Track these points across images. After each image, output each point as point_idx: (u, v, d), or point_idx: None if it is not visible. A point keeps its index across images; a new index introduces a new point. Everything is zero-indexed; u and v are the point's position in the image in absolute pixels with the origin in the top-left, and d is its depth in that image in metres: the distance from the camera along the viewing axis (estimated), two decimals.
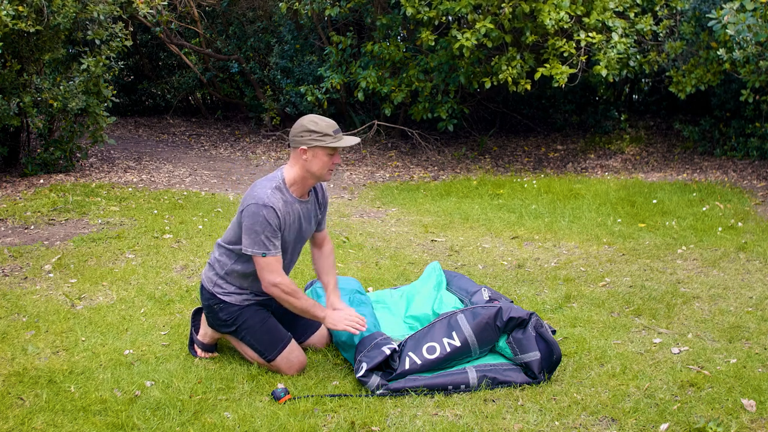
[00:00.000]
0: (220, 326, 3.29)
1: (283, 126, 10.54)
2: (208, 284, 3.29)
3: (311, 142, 3.08)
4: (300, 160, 3.12)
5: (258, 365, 3.29)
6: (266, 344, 3.21)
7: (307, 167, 3.13)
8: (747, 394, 2.85)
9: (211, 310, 3.28)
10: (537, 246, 5.37)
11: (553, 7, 7.35)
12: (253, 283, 3.23)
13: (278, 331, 3.25)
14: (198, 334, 3.45)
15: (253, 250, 3.07)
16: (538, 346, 3.05)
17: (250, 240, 3.06)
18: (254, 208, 3.05)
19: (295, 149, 3.12)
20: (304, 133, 3.09)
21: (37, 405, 2.91)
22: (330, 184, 7.94)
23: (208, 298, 3.29)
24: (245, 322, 3.23)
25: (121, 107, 11.34)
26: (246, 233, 3.07)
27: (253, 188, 3.14)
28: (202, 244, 5.20)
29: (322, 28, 9.92)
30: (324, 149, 3.10)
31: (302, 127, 3.10)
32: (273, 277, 3.08)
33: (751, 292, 4.09)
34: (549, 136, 10.19)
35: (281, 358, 3.20)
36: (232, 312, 3.24)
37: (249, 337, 3.23)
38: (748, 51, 6.33)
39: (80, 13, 6.68)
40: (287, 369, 3.20)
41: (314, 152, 3.10)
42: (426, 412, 2.85)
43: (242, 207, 3.12)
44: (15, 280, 4.43)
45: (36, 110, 6.80)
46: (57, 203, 6.12)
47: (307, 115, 3.20)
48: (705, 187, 6.90)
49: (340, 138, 3.14)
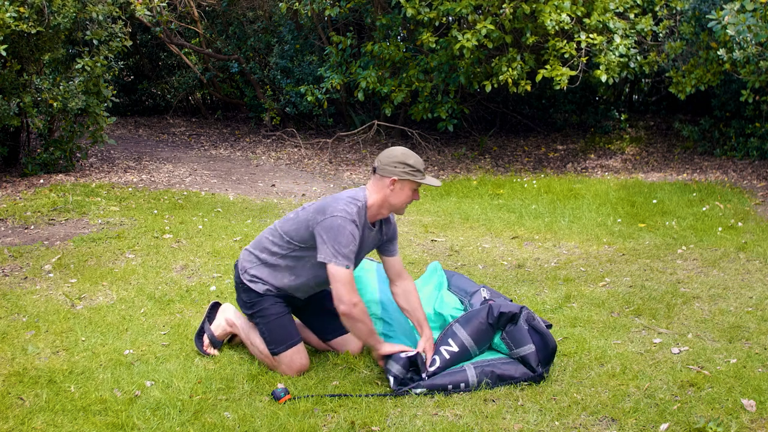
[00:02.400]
0: (242, 306, 3.35)
1: (283, 126, 10.54)
2: (241, 263, 3.33)
3: (403, 174, 3.12)
4: (384, 189, 3.15)
5: (258, 363, 3.29)
6: (276, 337, 3.22)
7: (389, 198, 3.16)
8: (747, 394, 2.85)
9: (238, 288, 3.35)
10: (537, 246, 5.37)
11: (554, 8, 7.35)
12: (280, 280, 3.25)
13: (291, 329, 3.27)
14: (211, 325, 3.50)
15: (337, 261, 3.01)
16: (532, 339, 3.07)
17: (333, 251, 3.02)
18: (341, 221, 3.04)
19: (383, 178, 3.14)
20: (398, 165, 3.13)
21: (37, 405, 2.91)
22: (330, 184, 7.95)
23: (237, 276, 3.34)
24: (263, 309, 3.26)
25: (121, 107, 11.34)
26: (327, 243, 3.03)
27: (337, 201, 3.12)
28: (202, 244, 5.20)
29: (322, 28, 9.92)
30: (411, 183, 3.15)
31: (396, 158, 3.14)
32: (354, 297, 3.03)
33: (751, 292, 4.09)
34: (549, 136, 10.19)
35: (285, 355, 3.20)
36: (252, 296, 3.28)
37: (262, 325, 3.26)
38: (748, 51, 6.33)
39: (80, 13, 6.68)
40: (287, 368, 3.21)
41: (402, 185, 3.14)
42: (426, 412, 2.85)
43: (322, 216, 3.07)
44: (15, 280, 4.43)
45: (36, 110, 6.80)
46: (57, 203, 6.12)
47: (399, 147, 3.24)
48: (705, 187, 6.90)
49: (426, 176, 3.20)
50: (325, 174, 8.53)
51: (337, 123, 10.75)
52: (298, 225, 3.18)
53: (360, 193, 3.17)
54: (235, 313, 3.50)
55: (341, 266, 3.01)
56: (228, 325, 3.47)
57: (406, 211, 6.62)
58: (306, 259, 3.20)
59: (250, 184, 7.82)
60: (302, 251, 3.19)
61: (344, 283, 3.01)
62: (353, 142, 9.82)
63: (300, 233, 3.17)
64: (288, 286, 3.26)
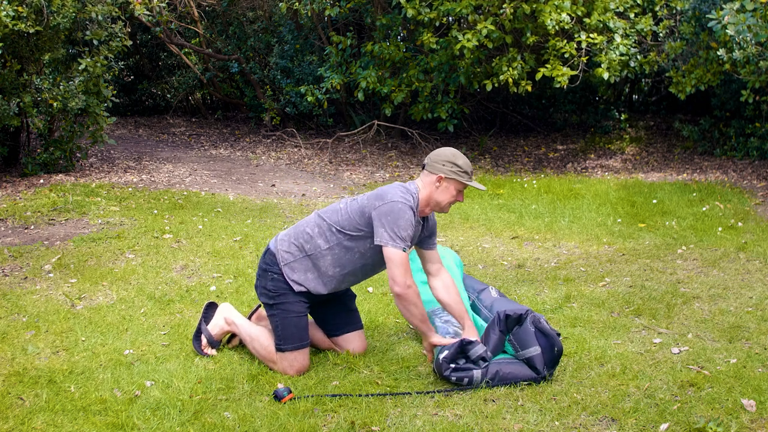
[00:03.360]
0: (262, 293, 3.31)
1: (283, 126, 10.55)
2: (281, 253, 3.27)
3: (450, 174, 3.19)
4: (431, 185, 3.22)
5: (258, 363, 3.29)
6: (289, 335, 3.21)
7: (435, 195, 3.22)
8: (747, 394, 2.85)
9: (265, 275, 3.29)
10: (537, 246, 5.37)
11: (554, 7, 7.35)
12: (315, 281, 3.24)
13: (305, 331, 3.27)
14: (208, 325, 3.49)
15: (394, 243, 3.06)
16: (538, 341, 3.06)
17: (392, 233, 3.07)
18: (401, 206, 3.09)
19: (431, 174, 3.21)
20: (446, 163, 3.20)
21: (37, 405, 2.91)
22: (330, 184, 7.95)
23: (269, 263, 3.29)
24: (286, 304, 3.24)
25: (121, 107, 11.34)
26: (386, 226, 3.08)
27: (393, 189, 3.17)
28: (202, 244, 5.20)
29: (322, 28, 9.92)
30: (457, 184, 3.22)
31: (446, 157, 3.22)
32: (408, 279, 3.08)
33: (751, 292, 4.09)
34: (549, 136, 10.19)
35: (291, 354, 3.21)
36: (280, 288, 3.25)
37: (278, 318, 3.24)
38: (748, 51, 6.33)
39: (80, 13, 6.68)
40: (288, 366, 3.21)
41: (448, 183, 3.21)
42: (426, 412, 2.85)
43: (381, 201, 3.12)
44: (15, 280, 4.43)
45: (36, 110, 6.80)
46: (57, 203, 6.12)
47: (450, 148, 3.30)
48: (705, 187, 6.90)
49: (472, 179, 3.26)
50: (325, 174, 8.53)
51: (337, 123, 10.75)
52: (350, 214, 3.21)
53: (411, 186, 3.23)
54: (234, 312, 3.50)
55: (398, 248, 3.06)
56: (227, 323, 3.47)
57: None
58: (355, 249, 3.21)
59: (250, 184, 7.82)
60: (352, 240, 3.20)
61: (399, 265, 3.06)
62: (353, 142, 9.82)
63: (353, 221, 3.18)
64: (330, 277, 3.24)
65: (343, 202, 3.30)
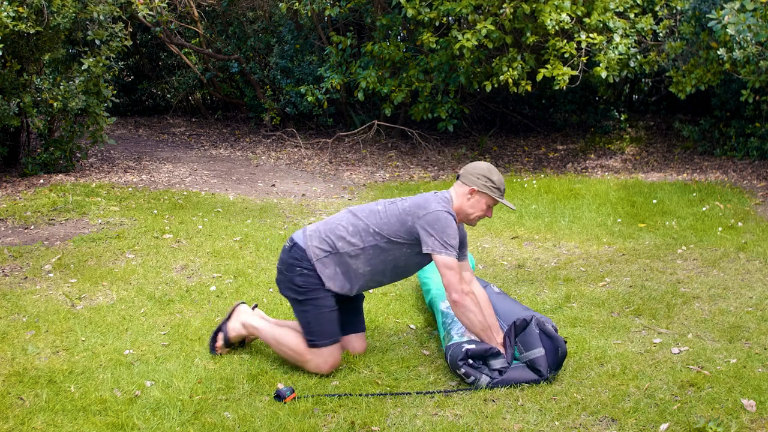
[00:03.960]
0: (289, 288, 3.24)
1: (283, 126, 10.55)
2: (312, 249, 3.21)
3: (483, 188, 3.23)
4: (463, 197, 3.26)
5: (258, 363, 3.29)
6: (324, 330, 3.18)
7: (465, 206, 3.26)
8: (747, 394, 2.85)
9: (292, 269, 3.22)
10: (537, 246, 5.37)
11: (554, 7, 7.35)
12: (343, 279, 3.22)
13: (336, 325, 3.24)
14: (228, 325, 3.44)
15: (447, 251, 3.08)
16: (542, 343, 3.06)
17: (442, 242, 3.08)
18: (447, 215, 3.13)
19: (464, 185, 3.26)
20: (480, 177, 3.24)
21: (37, 405, 2.91)
22: (330, 184, 7.95)
23: (297, 258, 3.21)
24: (317, 299, 3.20)
25: (121, 107, 11.34)
26: (435, 235, 3.09)
27: (436, 198, 3.19)
28: (202, 244, 5.20)
29: (322, 28, 9.93)
30: (488, 199, 3.26)
31: (481, 171, 3.25)
32: (465, 285, 3.10)
33: (751, 292, 4.09)
34: (549, 136, 10.19)
35: (326, 350, 3.18)
36: (311, 284, 3.20)
37: (310, 314, 3.19)
38: (749, 51, 6.33)
39: (80, 13, 6.68)
40: (323, 362, 3.18)
41: (479, 197, 3.25)
42: (426, 412, 2.85)
43: (425, 211, 3.13)
44: (15, 280, 4.43)
45: (36, 110, 6.80)
46: (57, 203, 6.12)
47: (487, 163, 3.33)
48: (705, 187, 6.90)
49: (503, 197, 3.30)
50: (325, 174, 8.53)
51: (337, 123, 10.75)
52: (389, 219, 3.20)
53: (446, 195, 3.25)
54: (253, 316, 3.44)
55: (451, 256, 3.07)
56: (243, 327, 3.41)
57: None
58: (390, 252, 3.21)
59: (250, 184, 7.82)
60: (390, 244, 3.19)
61: (455, 273, 3.08)
62: (353, 142, 9.82)
63: (393, 227, 3.18)
64: (360, 276, 3.23)
65: (380, 204, 3.30)
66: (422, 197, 3.23)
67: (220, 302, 4.16)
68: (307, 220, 6.17)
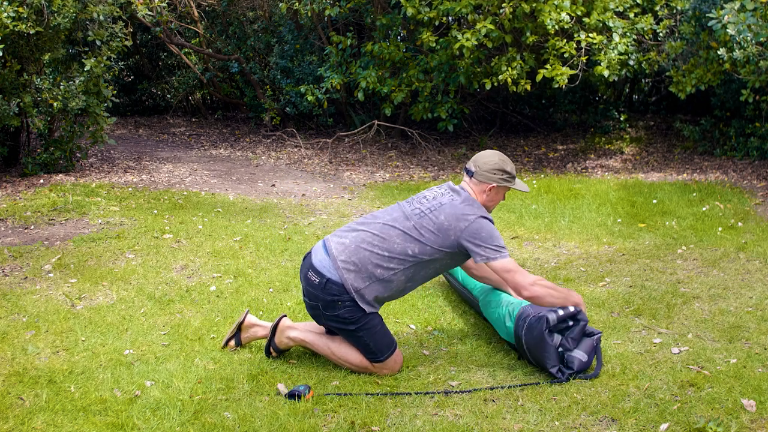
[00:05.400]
0: (335, 321, 3.17)
1: (283, 126, 10.55)
2: (347, 282, 3.12)
3: (501, 182, 3.27)
4: (482, 194, 3.29)
5: (258, 363, 3.29)
6: (382, 346, 3.17)
7: (485, 201, 3.29)
8: (747, 394, 2.85)
9: (334, 305, 3.14)
10: (537, 246, 5.37)
11: (554, 7, 7.35)
12: (383, 299, 3.21)
13: (390, 334, 3.25)
14: (275, 339, 3.38)
15: (501, 254, 3.11)
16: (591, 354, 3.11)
17: (494, 247, 3.11)
18: (484, 221, 3.16)
19: (482, 183, 3.28)
20: (497, 172, 3.27)
21: (37, 405, 2.91)
22: (330, 184, 7.95)
23: (336, 294, 3.12)
24: (368, 323, 3.16)
25: (121, 107, 11.35)
26: (485, 243, 3.11)
27: (466, 204, 3.19)
28: (202, 244, 5.20)
29: (322, 28, 9.93)
30: (505, 189, 3.31)
31: (496, 166, 3.27)
32: (529, 277, 3.12)
33: (751, 292, 4.09)
34: (549, 136, 10.19)
35: (390, 360, 3.19)
36: (357, 314, 3.15)
37: (367, 338, 3.16)
38: (749, 51, 6.32)
39: (80, 13, 6.68)
40: (389, 370, 3.20)
41: (498, 190, 3.30)
42: (426, 412, 2.85)
43: (465, 222, 3.12)
44: (15, 280, 4.43)
45: (36, 110, 6.80)
46: (57, 203, 6.12)
47: (494, 153, 3.33)
48: (705, 187, 6.90)
49: (516, 181, 3.35)
50: (325, 174, 8.53)
51: (337, 123, 10.75)
52: (429, 236, 3.14)
53: (466, 194, 3.25)
54: (300, 331, 3.36)
55: (506, 257, 3.12)
56: (292, 341, 3.36)
57: None
58: (430, 266, 3.20)
59: (250, 184, 7.82)
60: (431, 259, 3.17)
61: (517, 271, 3.12)
62: (353, 142, 9.82)
63: (435, 242, 3.15)
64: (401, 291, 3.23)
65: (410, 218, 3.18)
66: (453, 207, 3.17)
67: (220, 302, 4.16)
68: (307, 220, 6.17)
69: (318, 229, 5.80)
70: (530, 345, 3.11)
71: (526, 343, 3.13)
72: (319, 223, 6.05)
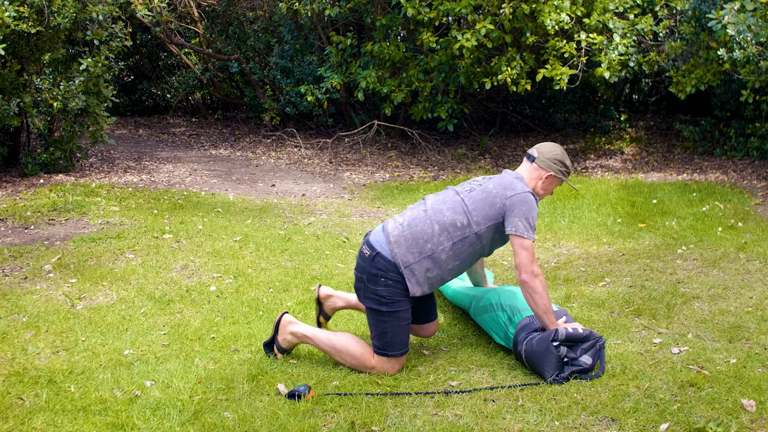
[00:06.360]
0: (371, 299, 3.20)
1: (283, 126, 10.55)
2: (397, 256, 3.16)
3: (558, 173, 3.35)
4: (537, 180, 3.34)
5: (258, 363, 3.29)
6: (397, 341, 3.18)
7: (537, 188, 3.34)
8: (747, 394, 2.85)
9: (376, 280, 3.17)
10: (537, 246, 5.37)
11: (554, 7, 7.35)
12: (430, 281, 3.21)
13: (408, 336, 3.26)
14: (278, 337, 3.40)
15: (528, 233, 3.14)
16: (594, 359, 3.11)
17: (526, 224, 3.15)
18: (531, 197, 3.20)
19: (540, 170, 3.33)
20: (558, 163, 3.34)
21: (37, 405, 2.91)
22: (330, 184, 7.95)
23: (381, 268, 3.16)
24: (399, 312, 3.18)
25: (121, 107, 11.34)
26: (521, 216, 3.15)
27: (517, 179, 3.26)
28: (202, 244, 5.20)
29: (322, 28, 9.93)
30: (559, 181, 3.39)
31: (558, 157, 3.35)
32: (535, 267, 3.15)
33: (751, 292, 4.09)
34: (549, 136, 10.19)
35: (395, 360, 3.21)
36: (396, 294, 3.17)
37: (389, 325, 3.17)
38: (749, 51, 6.32)
39: (80, 13, 6.68)
40: (390, 368, 3.22)
41: (552, 180, 3.36)
42: (426, 412, 2.85)
43: (513, 191, 3.19)
44: (15, 280, 4.43)
45: (36, 110, 6.79)
46: (57, 203, 6.12)
47: (557, 145, 3.40)
48: (705, 187, 6.90)
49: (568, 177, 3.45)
50: (325, 174, 8.53)
51: (337, 123, 10.75)
52: (476, 205, 3.21)
53: (520, 176, 3.31)
54: (302, 326, 3.38)
55: (530, 239, 3.14)
56: (296, 337, 3.37)
57: None
58: (477, 243, 3.22)
59: (250, 184, 7.82)
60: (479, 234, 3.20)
61: (531, 255, 3.15)
62: (353, 142, 9.82)
63: (481, 212, 3.19)
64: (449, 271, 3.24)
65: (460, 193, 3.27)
66: (505, 179, 3.26)
67: (220, 302, 4.16)
68: (306, 220, 6.17)
69: (318, 229, 5.80)
70: (529, 354, 3.14)
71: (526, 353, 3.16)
72: (319, 223, 6.05)
